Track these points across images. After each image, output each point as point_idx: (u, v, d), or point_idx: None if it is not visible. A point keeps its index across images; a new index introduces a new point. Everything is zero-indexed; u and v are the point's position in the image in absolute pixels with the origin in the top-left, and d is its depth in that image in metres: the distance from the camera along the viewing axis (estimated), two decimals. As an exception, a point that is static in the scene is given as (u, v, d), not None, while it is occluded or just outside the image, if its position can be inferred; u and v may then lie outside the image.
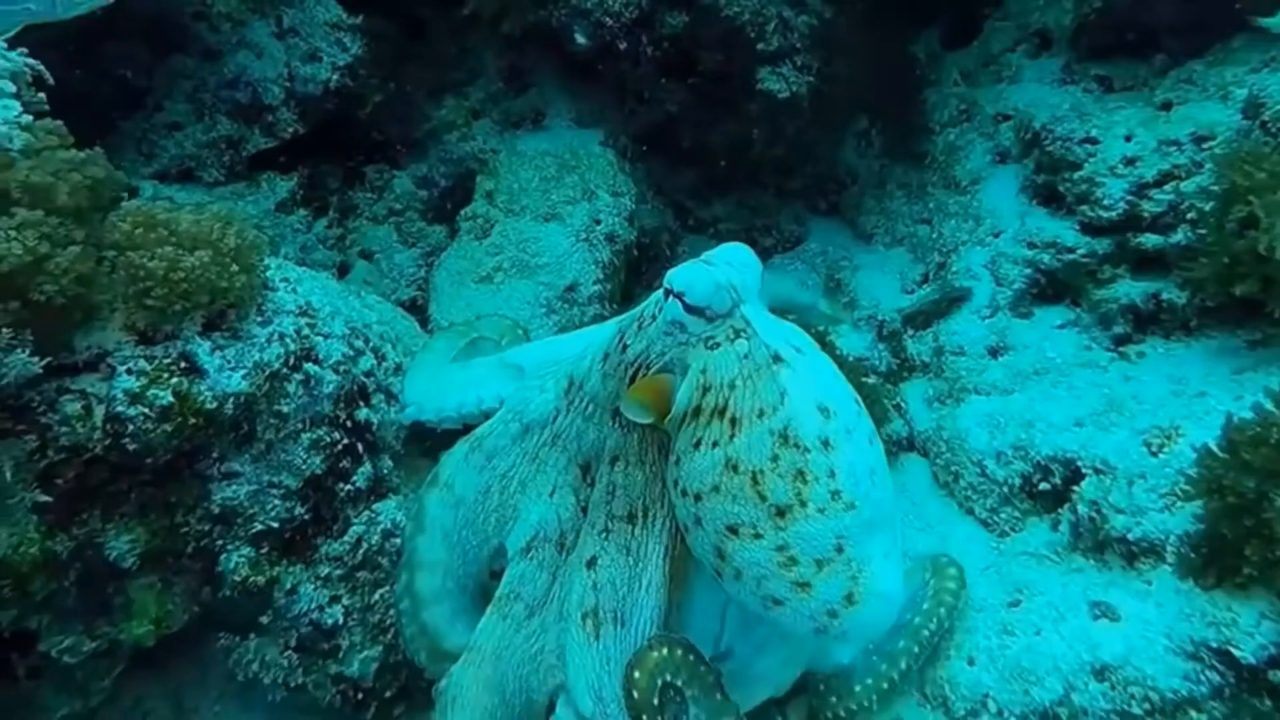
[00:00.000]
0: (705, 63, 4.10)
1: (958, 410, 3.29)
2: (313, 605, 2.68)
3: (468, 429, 2.79)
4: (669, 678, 2.19)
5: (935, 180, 4.07)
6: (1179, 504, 2.51)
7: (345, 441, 2.78)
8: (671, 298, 2.25)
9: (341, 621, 2.72)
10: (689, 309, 2.23)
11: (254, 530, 2.58)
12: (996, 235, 3.63)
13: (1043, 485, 2.99)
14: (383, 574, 2.82)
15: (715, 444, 2.17)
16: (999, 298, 3.51)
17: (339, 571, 2.74)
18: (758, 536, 2.13)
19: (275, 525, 2.61)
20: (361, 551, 2.78)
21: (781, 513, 2.12)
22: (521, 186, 4.02)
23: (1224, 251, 2.68)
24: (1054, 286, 3.46)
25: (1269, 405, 2.23)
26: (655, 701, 2.15)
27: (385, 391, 3.04)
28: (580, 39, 4.04)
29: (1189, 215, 3.06)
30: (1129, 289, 3.23)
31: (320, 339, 2.78)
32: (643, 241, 4.68)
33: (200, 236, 2.47)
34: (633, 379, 2.34)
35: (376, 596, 2.79)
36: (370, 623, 2.78)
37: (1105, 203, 3.26)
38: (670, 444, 2.30)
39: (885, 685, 2.52)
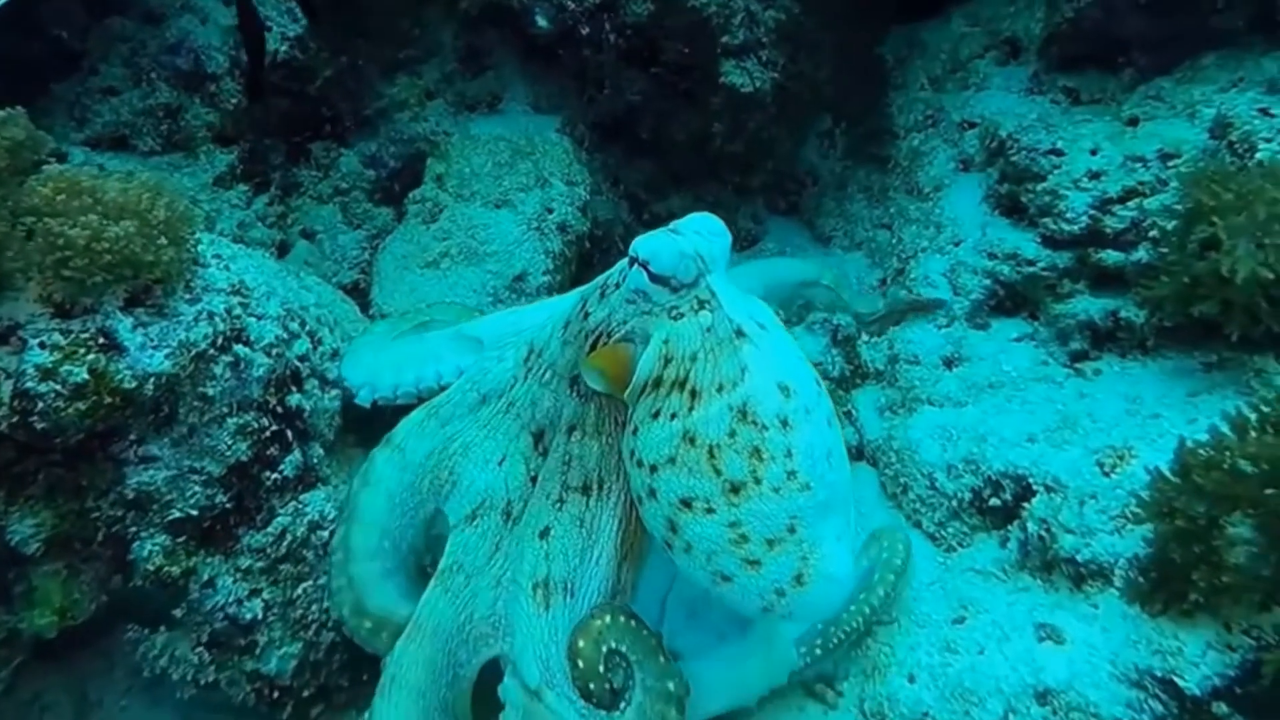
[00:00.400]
0: (669, 52, 4.02)
1: (910, 420, 3.25)
2: (230, 598, 2.59)
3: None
4: (614, 644, 2.20)
5: (897, 185, 4.03)
6: (1129, 526, 2.47)
7: (274, 428, 2.68)
8: (636, 266, 2.22)
9: (261, 616, 2.62)
10: (653, 278, 2.21)
11: (171, 518, 2.48)
12: (957, 244, 3.58)
13: (993, 501, 2.94)
14: (307, 568, 2.73)
15: (674, 416, 2.14)
16: (956, 307, 3.47)
17: (261, 564, 2.65)
18: (710, 511, 2.11)
19: (194, 513, 2.51)
20: (286, 543, 2.68)
21: (736, 489, 2.09)
22: (473, 171, 3.92)
23: (1185, 271, 2.65)
24: (1012, 299, 3.42)
25: (1224, 428, 2.19)
26: (601, 669, 2.18)
27: (320, 377, 2.94)
28: (541, 22, 3.96)
29: (1151, 233, 3.02)
30: (1087, 305, 3.20)
31: (252, 320, 2.68)
32: (595, 233, 4.59)
33: (127, 206, 2.37)
34: (593, 347, 2.32)
35: (300, 591, 2.70)
36: (291, 618, 2.68)
37: (1068, 216, 3.22)
38: (628, 415, 2.27)
39: (830, 645, 2.62)
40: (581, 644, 2.20)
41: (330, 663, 2.73)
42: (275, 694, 2.67)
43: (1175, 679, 2.21)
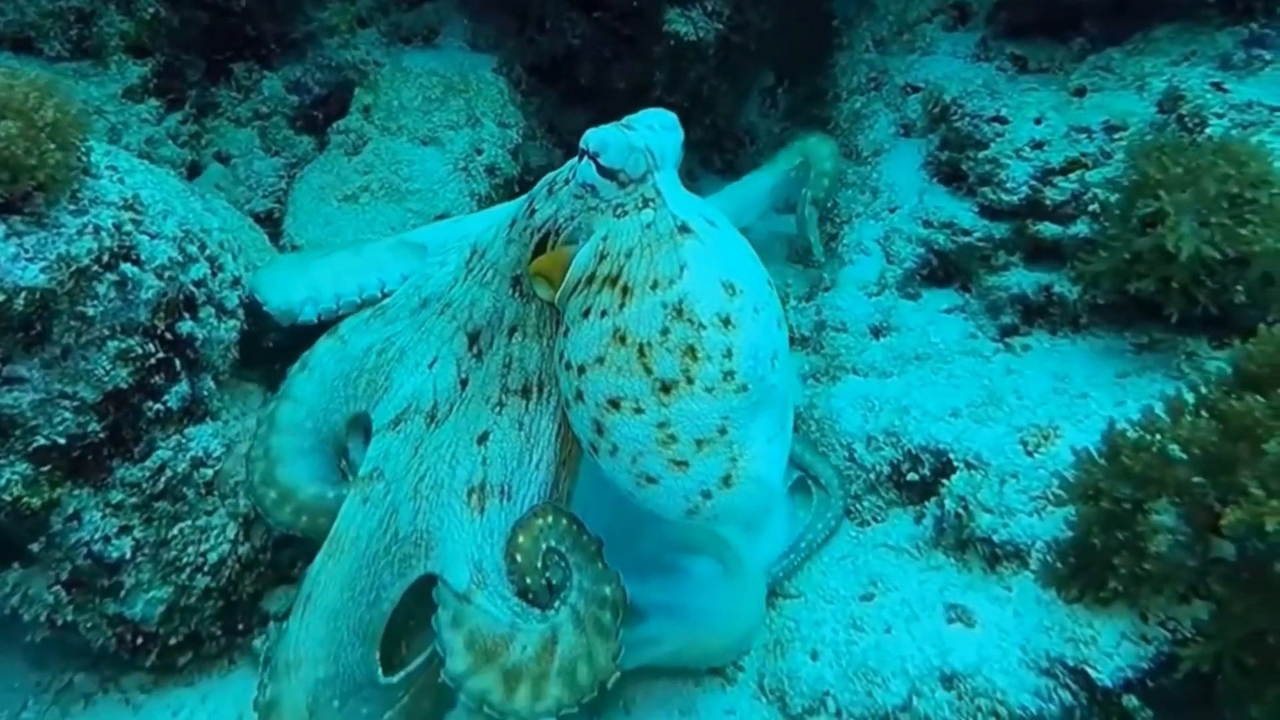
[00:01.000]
0: (611, -8, 3.83)
1: (833, 389, 3.06)
2: (97, 534, 2.38)
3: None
4: (553, 543, 2.15)
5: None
6: (1049, 508, 2.32)
7: (161, 355, 2.46)
8: (585, 159, 2.14)
9: (129, 556, 2.41)
10: (602, 171, 2.12)
11: (35, 445, 2.26)
12: (893, 210, 3.40)
13: (911, 475, 2.78)
14: (186, 507, 2.52)
15: (604, 313, 2.06)
16: (888, 275, 3.29)
17: (134, 499, 2.43)
18: (639, 411, 2.02)
19: (62, 441, 2.29)
20: (164, 479, 2.47)
21: (666, 388, 2.01)
22: (402, 105, 3.68)
23: (1125, 247, 2.49)
24: (945, 268, 3.25)
25: (1159, 409, 2.03)
26: (539, 564, 2.13)
27: (217, 305, 2.71)
28: (480, -45, 3.71)
29: (1091, 207, 2.86)
30: (1021, 278, 3.03)
31: (145, 238, 2.46)
32: (526, 179, 4.37)
33: (10, 104, 2.14)
34: (539, 246, 2.26)
35: (175, 531, 2.50)
36: (163, 560, 2.47)
37: (1007, 186, 3.04)
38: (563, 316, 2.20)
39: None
40: (521, 539, 2.15)
41: (203, 609, 2.53)
42: (138, 640, 2.46)
43: (1087, 669, 2.07)
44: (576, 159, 2.18)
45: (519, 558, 2.13)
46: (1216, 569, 1.94)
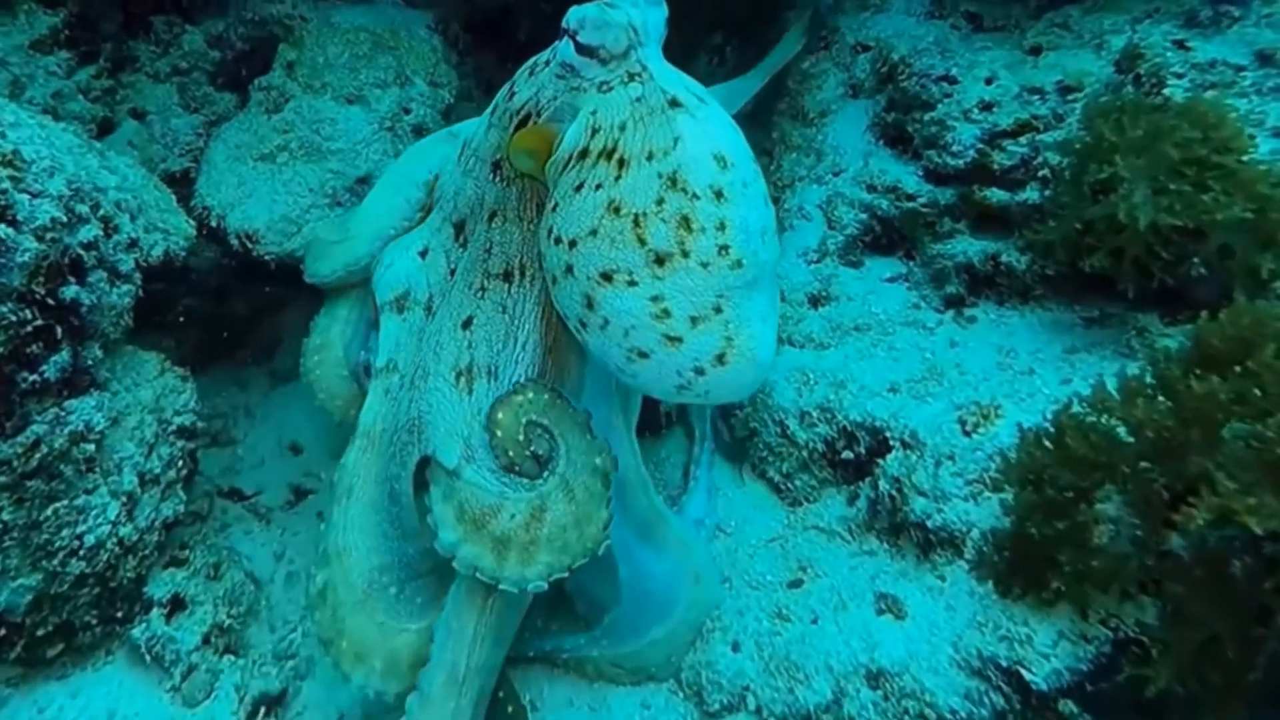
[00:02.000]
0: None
1: (767, 360, 2.80)
2: (-42, 518, 2.08)
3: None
4: (534, 417, 2.11)
5: (783, 109, 3.54)
6: (986, 494, 2.08)
7: (39, 322, 2.17)
8: (566, 38, 2.05)
9: (-6, 540, 2.12)
10: (581, 49, 2.04)
11: (-111, 421, 1.96)
12: (836, 174, 3.13)
13: (845, 454, 2.55)
14: (62, 486, 2.23)
15: (599, 186, 1.97)
16: (830, 242, 3.02)
17: (4, 478, 2.13)
18: (632, 284, 1.93)
19: (-83, 414, 1.99)
20: (38, 456, 2.18)
21: (661, 260, 1.91)
22: (328, 61, 3.36)
23: (1076, 215, 2.23)
24: (889, 235, 2.98)
25: (1111, 387, 1.77)
26: (520, 438, 2.09)
27: (110, 268, 2.42)
28: (402, -101, 3.40)
29: (1041, 172, 2.60)
30: (967, 246, 2.77)
31: (25, 197, 2.17)
32: (466, 143, 4.11)
33: None
34: (519, 128, 2.17)
35: (49, 512, 2.20)
36: (34, 544, 2.19)
37: (954, 149, 2.77)
38: (549, 194, 2.10)
39: None
40: (500, 415, 2.11)
41: (76, 597, 2.24)
42: (1, 631, 2.17)
43: (1021, 670, 1.84)
44: (559, 39, 2.09)
45: (499, 433, 2.10)
46: (1167, 564, 1.70)
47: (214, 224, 3.02)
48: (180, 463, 2.56)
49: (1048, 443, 1.84)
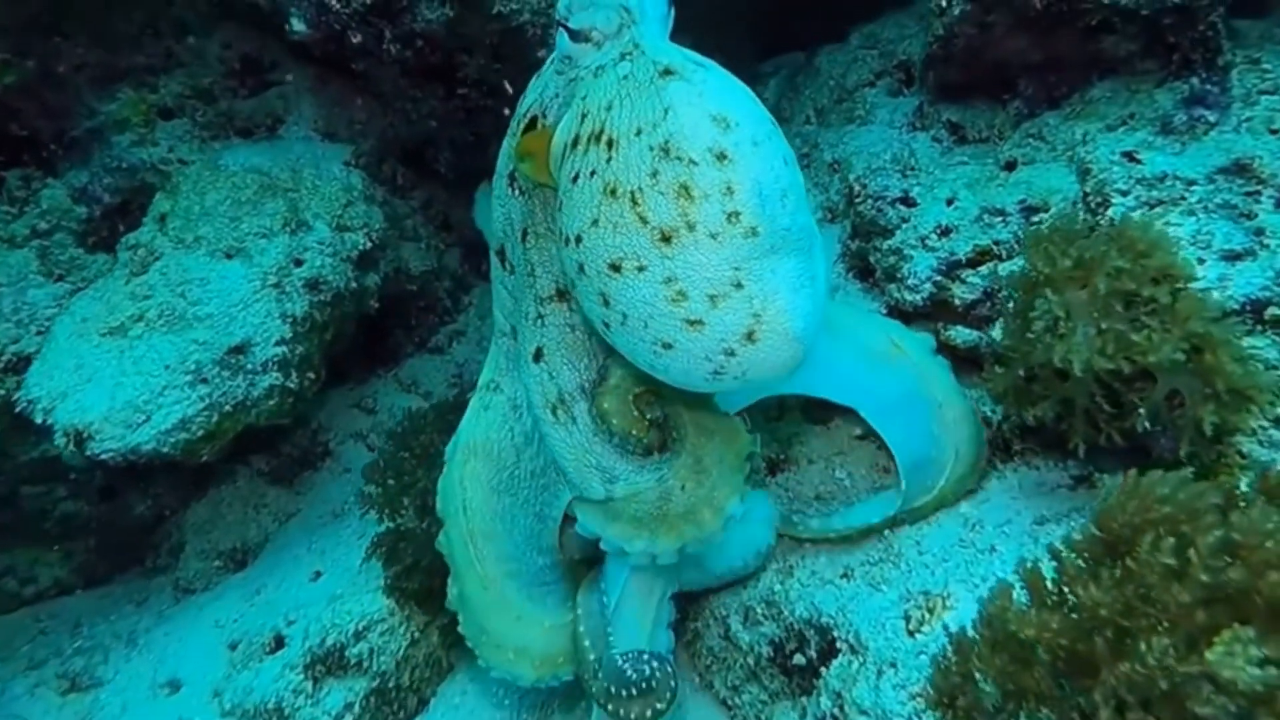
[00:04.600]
0: (468, 69, 3.71)
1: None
2: None
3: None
4: (634, 389, 2.39)
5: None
6: (927, 714, 2.05)
7: None
8: (560, 29, 2.25)
9: None
10: (574, 35, 2.23)
11: None
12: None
13: (797, 658, 2.53)
14: None
15: (593, 173, 2.09)
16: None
17: None
18: (641, 270, 2.04)
19: None
20: None
21: (667, 237, 2.01)
22: (204, 210, 3.52)
23: (1022, 360, 2.26)
24: (856, 387, 3.02)
25: (1016, 588, 1.76)
26: (635, 414, 2.38)
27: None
28: (297, 25, 3.60)
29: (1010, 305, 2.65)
30: (937, 397, 2.80)
31: None
32: (404, 289, 4.26)
33: None
34: (527, 130, 2.35)
35: None
36: None
37: (910, 282, 2.84)
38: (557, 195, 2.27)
39: None
40: (605, 405, 2.38)
41: None
42: None
43: None
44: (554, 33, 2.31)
45: (615, 421, 2.37)
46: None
47: (40, 420, 3.07)
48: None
49: (976, 650, 1.83)
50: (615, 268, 2.06)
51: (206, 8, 3.95)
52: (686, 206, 1.99)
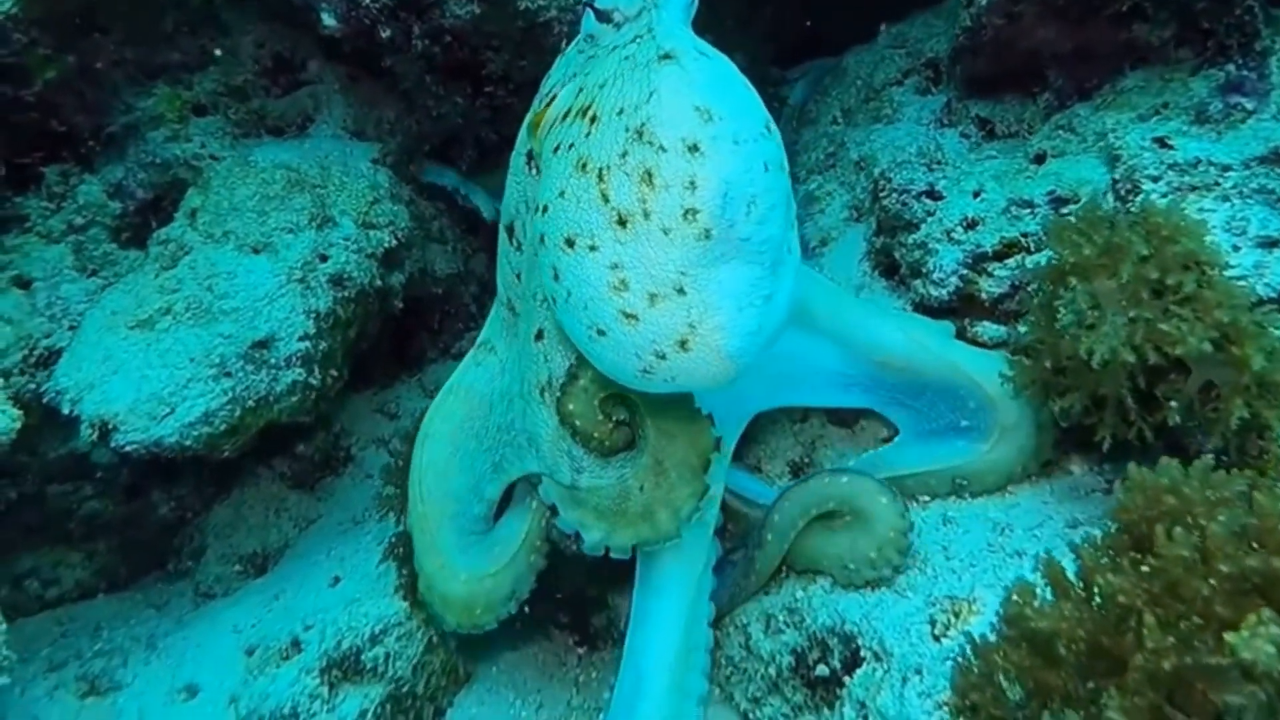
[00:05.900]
0: (494, 65, 3.62)
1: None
2: None
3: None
4: (601, 392, 2.36)
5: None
6: None
7: None
8: (587, 9, 2.30)
9: None
10: (600, 15, 2.27)
11: None
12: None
13: (820, 669, 2.41)
14: None
15: (571, 145, 2.08)
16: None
17: None
18: (593, 249, 2.00)
19: None
20: None
21: (623, 221, 1.96)
22: (234, 205, 3.42)
23: (1049, 352, 2.13)
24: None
25: (1039, 585, 1.64)
26: (599, 417, 2.36)
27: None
28: (328, 19, 3.53)
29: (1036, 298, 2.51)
30: (967, 398, 2.67)
31: None
32: (429, 291, 4.16)
33: None
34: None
35: None
36: None
37: (935, 277, 2.70)
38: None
39: None
40: (571, 406, 2.36)
41: None
42: None
43: None
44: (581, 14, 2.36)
45: (578, 423, 2.36)
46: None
47: (68, 410, 2.99)
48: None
49: (999, 653, 1.70)
50: (570, 243, 2.03)
51: (241, 6, 3.88)
52: (647, 193, 1.92)
